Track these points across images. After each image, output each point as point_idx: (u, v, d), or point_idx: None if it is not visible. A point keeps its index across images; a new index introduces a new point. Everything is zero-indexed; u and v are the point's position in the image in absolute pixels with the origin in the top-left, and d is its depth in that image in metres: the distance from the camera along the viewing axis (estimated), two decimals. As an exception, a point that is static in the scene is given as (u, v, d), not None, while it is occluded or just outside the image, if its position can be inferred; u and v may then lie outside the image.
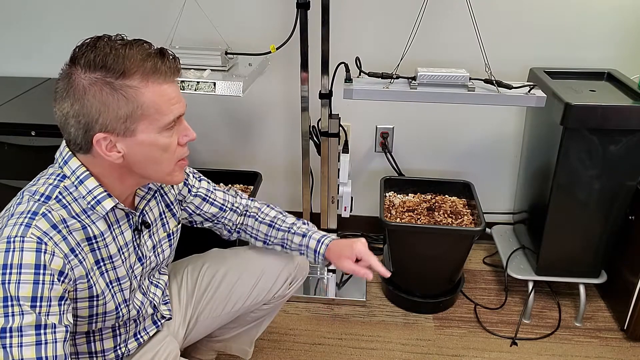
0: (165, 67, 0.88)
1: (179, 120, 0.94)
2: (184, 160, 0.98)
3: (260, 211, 1.28)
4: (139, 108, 0.86)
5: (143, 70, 0.86)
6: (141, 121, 0.87)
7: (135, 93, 0.86)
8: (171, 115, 0.90)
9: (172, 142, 0.93)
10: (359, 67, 1.50)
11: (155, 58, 0.87)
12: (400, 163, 2.02)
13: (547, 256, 1.69)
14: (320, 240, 1.23)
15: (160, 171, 0.95)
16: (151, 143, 0.90)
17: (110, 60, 0.84)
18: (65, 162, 0.92)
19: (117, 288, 0.98)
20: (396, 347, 1.65)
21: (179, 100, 0.91)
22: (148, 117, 0.87)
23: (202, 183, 1.23)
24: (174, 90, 0.90)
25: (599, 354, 1.62)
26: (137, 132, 0.88)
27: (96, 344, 1.02)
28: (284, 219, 1.27)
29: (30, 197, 0.88)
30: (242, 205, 1.28)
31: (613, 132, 1.47)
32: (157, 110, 0.88)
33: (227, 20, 1.82)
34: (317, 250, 1.22)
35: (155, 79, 0.87)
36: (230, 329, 1.39)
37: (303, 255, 1.27)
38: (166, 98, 0.89)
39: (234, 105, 2.02)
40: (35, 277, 0.81)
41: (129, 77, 0.85)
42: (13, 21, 1.95)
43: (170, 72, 0.89)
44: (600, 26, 1.74)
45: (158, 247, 1.10)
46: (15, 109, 1.73)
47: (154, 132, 0.89)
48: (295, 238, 1.24)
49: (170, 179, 0.97)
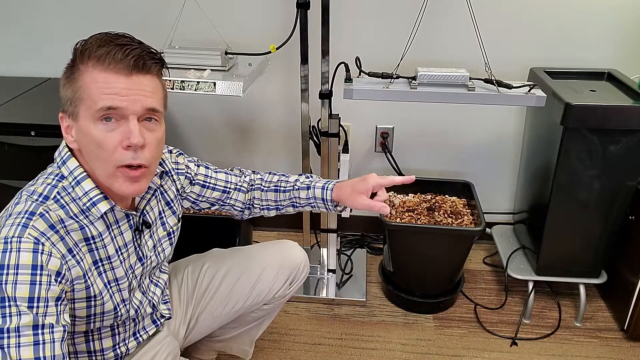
0: (124, 58, 0.85)
1: (125, 120, 0.87)
2: (131, 169, 0.89)
3: (264, 180, 1.24)
4: (78, 90, 0.87)
5: (96, 56, 0.86)
6: (80, 105, 0.87)
7: (79, 75, 0.87)
8: (99, 103, 0.85)
9: (108, 139, 0.86)
10: (359, 67, 1.50)
11: (112, 47, 0.86)
12: (400, 163, 2.02)
13: (547, 256, 1.69)
14: (324, 187, 1.17)
15: (101, 169, 0.89)
16: (87, 132, 0.87)
17: (81, 44, 0.88)
18: (64, 162, 0.93)
19: (115, 288, 0.98)
20: (396, 347, 1.65)
21: (117, 93, 0.85)
22: (83, 101, 0.87)
23: (200, 169, 1.19)
24: (121, 83, 0.86)
25: (599, 354, 1.62)
26: (79, 117, 0.88)
27: (95, 343, 1.02)
28: (287, 179, 1.23)
29: (29, 197, 0.88)
30: (246, 183, 1.25)
31: (613, 132, 1.47)
32: (88, 96, 0.86)
33: (227, 20, 1.82)
34: (324, 198, 1.17)
35: (100, 65, 0.85)
36: (231, 329, 1.39)
37: (300, 262, 1.27)
38: (101, 85, 0.85)
39: (234, 105, 2.02)
40: (32, 277, 0.81)
41: (82, 61, 0.87)
42: (13, 21, 1.95)
43: (128, 67, 0.86)
44: (600, 26, 1.74)
45: (158, 246, 1.10)
46: (15, 109, 1.73)
47: (89, 120, 0.86)
48: (302, 193, 1.19)
49: (112, 183, 0.89)
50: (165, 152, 1.14)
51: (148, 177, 0.94)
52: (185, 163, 1.17)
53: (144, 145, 0.89)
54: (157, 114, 0.91)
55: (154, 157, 0.93)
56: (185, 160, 1.18)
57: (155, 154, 0.92)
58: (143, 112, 0.88)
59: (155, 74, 0.92)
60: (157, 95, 0.91)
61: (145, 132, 0.89)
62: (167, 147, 1.15)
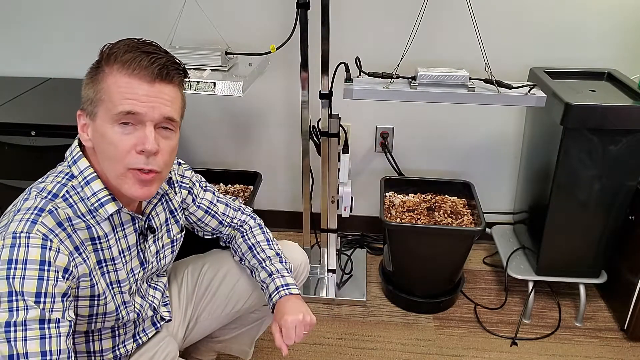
0: (149, 66, 0.87)
1: (142, 125, 0.88)
2: (142, 172, 0.90)
3: (251, 231, 1.26)
4: (100, 92, 0.88)
5: (121, 60, 0.88)
6: (100, 106, 0.89)
7: (102, 77, 0.89)
8: (119, 107, 0.86)
9: (123, 141, 0.88)
10: (359, 67, 1.50)
11: (138, 54, 0.88)
12: (400, 163, 2.02)
13: (547, 256, 1.69)
14: (277, 289, 1.15)
15: (112, 170, 0.90)
16: (103, 133, 0.89)
17: (108, 47, 0.90)
18: (75, 161, 0.93)
19: (117, 290, 0.99)
20: (396, 347, 1.65)
21: (138, 100, 0.87)
22: (103, 102, 0.88)
23: (206, 194, 1.21)
24: (143, 90, 0.87)
25: (599, 354, 1.62)
26: (97, 117, 0.89)
27: (95, 344, 1.02)
28: (265, 248, 1.23)
29: (38, 194, 0.89)
30: (239, 221, 1.27)
31: (613, 132, 1.47)
32: (109, 98, 0.88)
33: (227, 20, 1.82)
34: (271, 296, 1.16)
35: (125, 69, 0.87)
36: (231, 330, 1.38)
37: (300, 262, 1.29)
38: (123, 89, 0.87)
39: (234, 105, 2.02)
40: (40, 273, 0.81)
41: (108, 63, 0.89)
42: (13, 21, 1.95)
43: (152, 75, 0.87)
44: (600, 26, 1.74)
45: (161, 253, 1.11)
46: (15, 109, 1.73)
47: (107, 121, 0.88)
48: (262, 273, 1.20)
49: (121, 183, 0.90)
50: (175, 164, 1.15)
51: (158, 183, 0.95)
52: (192, 179, 1.18)
53: (158, 151, 0.90)
54: (173, 123, 0.93)
55: (166, 164, 0.94)
56: (192, 176, 1.19)
57: (167, 161, 0.94)
58: (160, 120, 0.90)
59: (176, 85, 0.93)
60: (175, 105, 0.93)
61: (160, 139, 0.91)
62: (176, 159, 1.16)
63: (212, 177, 1.99)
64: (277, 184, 2.15)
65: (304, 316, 1.09)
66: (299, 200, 2.00)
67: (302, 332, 1.09)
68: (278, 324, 1.10)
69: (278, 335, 1.09)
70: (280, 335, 1.09)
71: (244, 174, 1.99)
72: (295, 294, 1.15)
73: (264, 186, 2.10)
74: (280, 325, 1.09)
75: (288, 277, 1.19)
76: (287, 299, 1.13)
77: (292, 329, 1.08)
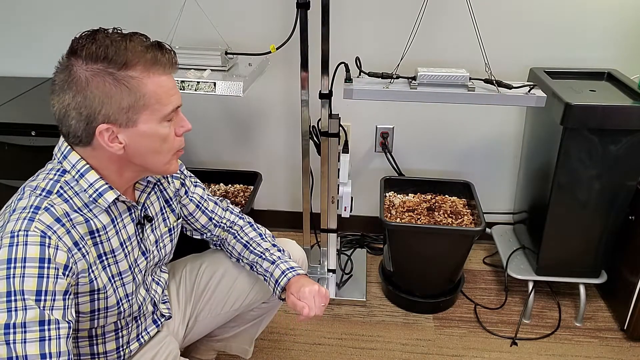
0: (164, 59, 0.90)
1: (176, 112, 0.96)
2: (180, 150, 1.00)
3: (242, 230, 1.27)
4: (141, 98, 0.88)
5: (145, 62, 0.87)
6: (143, 112, 0.89)
7: (138, 84, 0.87)
8: (170, 106, 0.92)
9: (171, 132, 0.95)
10: (359, 67, 1.50)
11: (154, 50, 0.89)
12: (400, 163, 2.02)
13: (547, 256, 1.69)
14: (284, 273, 1.18)
15: (158, 162, 0.96)
16: (152, 133, 0.91)
17: (112, 51, 0.85)
18: (65, 156, 0.93)
19: (119, 282, 0.98)
20: (396, 347, 1.65)
21: (176, 92, 0.94)
22: (149, 107, 0.89)
23: (197, 189, 1.22)
24: (171, 82, 0.93)
25: (599, 354, 1.62)
26: (139, 123, 0.89)
27: (99, 346, 1.02)
28: (260, 242, 1.25)
29: (32, 192, 0.88)
30: (228, 222, 1.27)
31: (613, 132, 1.47)
32: (157, 101, 0.89)
33: (227, 20, 1.82)
34: (278, 281, 1.18)
35: (156, 70, 0.89)
36: (230, 328, 1.39)
37: (298, 258, 1.28)
38: (166, 89, 0.91)
39: (234, 105, 2.02)
40: (40, 270, 0.81)
41: (131, 68, 0.87)
42: (13, 21, 1.95)
43: (169, 64, 0.91)
44: (600, 26, 1.74)
45: (160, 242, 1.11)
46: (15, 109, 1.73)
47: (154, 122, 0.91)
48: (264, 264, 1.21)
49: (167, 168, 0.98)
50: None
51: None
52: (183, 172, 1.19)
53: None
54: None
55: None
56: (182, 169, 1.20)
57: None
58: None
59: None
60: None
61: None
62: None
63: (212, 177, 1.99)
64: (277, 184, 2.15)
65: (319, 288, 1.14)
66: (299, 200, 2.00)
67: (321, 304, 1.12)
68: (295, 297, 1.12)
69: (299, 302, 1.11)
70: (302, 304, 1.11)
71: (244, 174, 1.99)
72: (302, 274, 1.18)
73: (264, 186, 2.10)
74: (299, 297, 1.12)
75: (291, 261, 1.21)
76: (296, 279, 1.16)
77: (312, 299, 1.11)
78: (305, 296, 1.11)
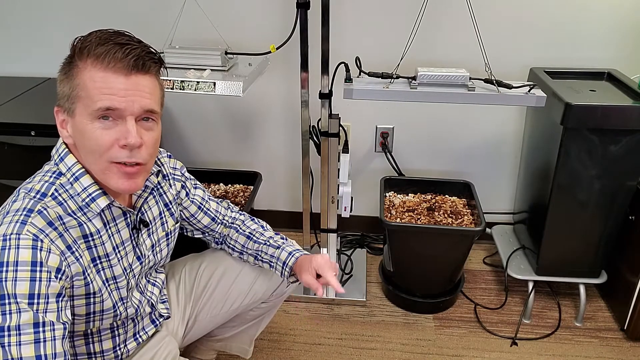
0: (124, 58, 0.85)
1: (122, 119, 0.87)
2: (126, 166, 0.89)
3: (244, 223, 1.29)
4: (75, 88, 0.87)
5: (95, 54, 0.86)
6: (78, 102, 0.87)
7: (77, 73, 0.87)
8: (99, 104, 0.85)
9: (105, 136, 0.86)
10: (359, 67, 1.50)
11: (112, 47, 0.85)
12: (400, 163, 2.02)
13: (547, 256, 1.69)
14: (291, 253, 1.20)
15: (95, 164, 0.89)
16: (83, 129, 0.87)
17: (82, 40, 0.88)
18: (62, 159, 0.93)
19: (113, 286, 0.98)
20: (396, 347, 1.65)
21: (116, 94, 0.85)
22: (81, 99, 0.87)
23: (197, 191, 1.22)
24: (120, 83, 0.86)
25: (599, 354, 1.62)
26: (76, 114, 0.88)
27: (95, 345, 1.02)
28: (263, 232, 1.27)
29: (26, 195, 0.88)
30: (230, 218, 1.28)
31: (613, 132, 1.47)
32: (87, 94, 0.86)
33: (227, 20, 1.82)
34: (285, 262, 1.20)
35: (99, 63, 0.85)
36: (230, 328, 1.39)
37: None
38: (99, 85, 0.85)
39: (234, 105, 2.02)
40: (32, 274, 0.80)
41: (82, 58, 0.87)
42: (13, 21, 1.95)
43: (128, 66, 0.86)
44: (600, 26, 1.74)
45: (157, 246, 1.10)
46: (15, 109, 1.73)
47: (85, 117, 0.86)
48: (270, 250, 1.22)
49: (106, 178, 0.90)
50: (165, 157, 1.15)
51: (144, 175, 0.94)
52: (184, 174, 1.19)
53: (141, 144, 0.89)
54: (154, 115, 0.92)
55: (151, 156, 0.93)
56: (183, 171, 1.19)
57: (151, 152, 0.93)
58: (141, 113, 0.89)
59: (154, 74, 0.92)
60: (155, 96, 0.92)
61: (142, 132, 0.90)
62: (166, 152, 1.17)
63: (212, 177, 1.99)
64: (277, 184, 2.15)
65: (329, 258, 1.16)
66: (299, 200, 2.00)
67: (332, 273, 1.13)
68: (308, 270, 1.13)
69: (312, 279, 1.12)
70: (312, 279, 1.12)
71: (244, 174, 1.99)
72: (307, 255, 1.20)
73: (264, 186, 2.10)
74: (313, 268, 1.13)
75: (296, 244, 1.25)
76: (304, 257, 1.19)
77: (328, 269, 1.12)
78: (319, 263, 1.13)
